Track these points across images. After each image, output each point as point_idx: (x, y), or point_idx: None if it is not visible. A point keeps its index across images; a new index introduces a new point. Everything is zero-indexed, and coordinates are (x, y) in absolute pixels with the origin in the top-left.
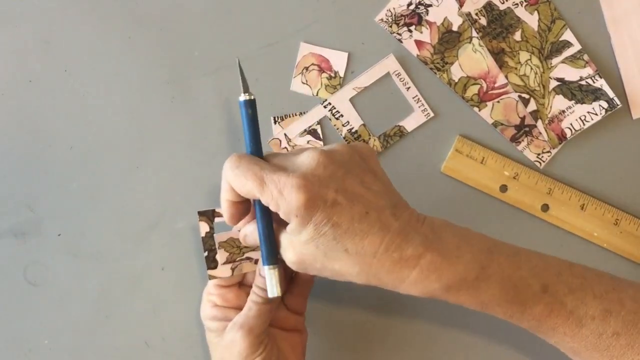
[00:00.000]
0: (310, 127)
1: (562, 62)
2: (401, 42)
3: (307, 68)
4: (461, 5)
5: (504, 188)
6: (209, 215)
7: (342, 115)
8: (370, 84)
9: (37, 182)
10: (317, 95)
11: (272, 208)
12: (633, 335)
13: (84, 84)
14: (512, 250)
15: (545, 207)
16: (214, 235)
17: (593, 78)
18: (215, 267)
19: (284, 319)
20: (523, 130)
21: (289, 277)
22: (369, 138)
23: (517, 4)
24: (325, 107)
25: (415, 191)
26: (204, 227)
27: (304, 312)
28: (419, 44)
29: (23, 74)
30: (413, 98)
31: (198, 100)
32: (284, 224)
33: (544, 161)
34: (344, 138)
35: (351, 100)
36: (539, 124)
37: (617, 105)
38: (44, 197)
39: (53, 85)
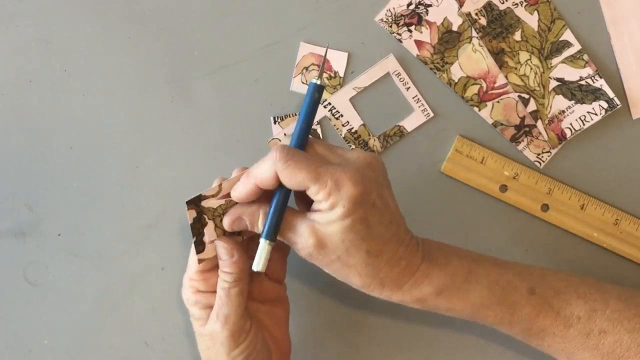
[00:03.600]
0: None
1: (562, 62)
2: (401, 42)
3: (307, 68)
4: (461, 5)
5: (503, 188)
6: (196, 202)
7: (342, 115)
8: (370, 84)
9: (37, 182)
10: None
11: (320, 197)
12: (620, 332)
13: (84, 84)
14: (497, 259)
15: (545, 207)
16: (203, 202)
17: (593, 78)
18: (203, 250)
19: (265, 289)
20: (523, 130)
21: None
22: (369, 138)
23: (517, 4)
24: (325, 107)
25: (415, 191)
26: (191, 214)
27: (283, 280)
28: (419, 44)
29: (23, 74)
30: (413, 98)
31: (198, 100)
32: (303, 209)
33: (543, 161)
34: (344, 138)
35: (351, 100)
36: (539, 124)
37: (617, 105)
38: (44, 197)
39: (53, 85)
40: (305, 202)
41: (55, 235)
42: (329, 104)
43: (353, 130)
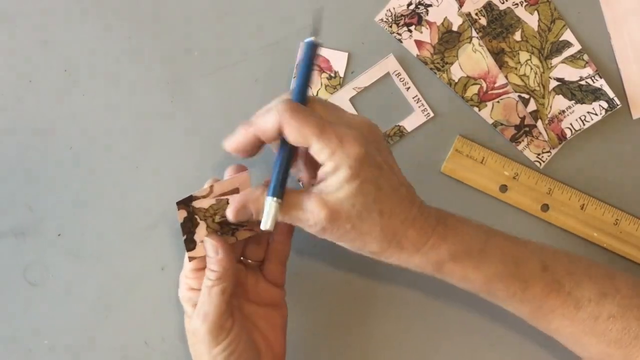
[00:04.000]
0: None
1: (562, 62)
2: (401, 42)
3: None
4: (461, 5)
5: (503, 188)
6: (187, 203)
7: None
8: (370, 84)
9: (37, 182)
10: (317, 95)
11: (323, 157)
12: (629, 319)
13: (84, 84)
14: (509, 235)
15: (545, 207)
16: (194, 203)
17: (593, 78)
18: (194, 248)
19: (262, 291)
20: (523, 130)
21: (265, 244)
22: None
23: (517, 4)
24: None
25: (415, 191)
26: (182, 214)
27: (283, 284)
28: (419, 44)
29: (23, 74)
30: (413, 98)
31: (198, 100)
32: (308, 185)
33: (543, 161)
34: None
35: (351, 100)
36: (539, 124)
37: (617, 105)
38: (44, 197)
39: (53, 85)
40: (311, 172)
41: (55, 235)
42: None
43: None
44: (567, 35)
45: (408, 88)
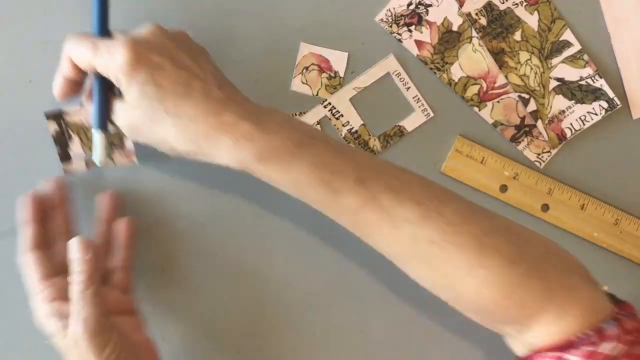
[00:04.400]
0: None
1: (562, 62)
2: (401, 42)
3: (307, 68)
4: (461, 5)
5: (504, 188)
6: (56, 115)
7: (342, 115)
8: (370, 84)
9: (36, 181)
10: (317, 95)
11: (103, 71)
12: (449, 249)
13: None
14: (345, 145)
15: (545, 207)
16: (66, 117)
17: (593, 78)
18: (69, 160)
19: (115, 301)
20: (523, 130)
21: (110, 254)
22: (369, 138)
23: (517, 4)
24: (325, 107)
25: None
26: (52, 126)
27: (130, 290)
28: (419, 44)
29: (23, 74)
30: (413, 98)
31: None
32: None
33: (544, 161)
34: (344, 138)
35: (351, 100)
36: (539, 123)
37: (617, 105)
38: None
39: (51, 85)
40: None
41: None
42: (329, 104)
43: (353, 130)
44: (567, 35)
45: (408, 88)
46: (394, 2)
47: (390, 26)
